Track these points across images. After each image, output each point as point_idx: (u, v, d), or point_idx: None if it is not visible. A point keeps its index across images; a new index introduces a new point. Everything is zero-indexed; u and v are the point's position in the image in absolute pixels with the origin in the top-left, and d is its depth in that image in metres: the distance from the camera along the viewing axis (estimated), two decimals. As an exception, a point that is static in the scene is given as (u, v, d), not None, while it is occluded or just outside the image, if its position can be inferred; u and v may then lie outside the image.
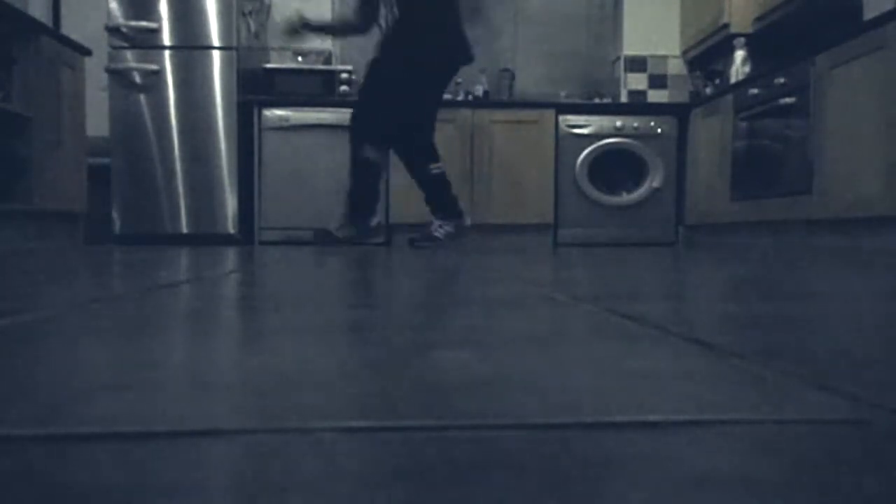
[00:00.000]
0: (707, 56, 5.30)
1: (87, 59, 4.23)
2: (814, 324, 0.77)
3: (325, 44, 5.39)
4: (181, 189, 4.69)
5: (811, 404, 0.43)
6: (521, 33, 5.79)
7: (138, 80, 4.63)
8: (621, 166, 5.05)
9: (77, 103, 4.11)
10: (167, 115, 4.65)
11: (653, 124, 5.04)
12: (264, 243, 4.83)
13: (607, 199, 5.04)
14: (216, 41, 4.64)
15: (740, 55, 4.71)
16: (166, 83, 4.64)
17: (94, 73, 4.43)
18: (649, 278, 1.54)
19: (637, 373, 0.51)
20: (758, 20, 4.62)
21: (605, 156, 5.01)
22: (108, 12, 4.61)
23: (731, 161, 4.41)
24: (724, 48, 4.99)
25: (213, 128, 4.67)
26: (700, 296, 1.15)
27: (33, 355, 0.58)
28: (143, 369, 0.52)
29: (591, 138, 5.00)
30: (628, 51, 5.61)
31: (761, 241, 4.16)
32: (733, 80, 4.63)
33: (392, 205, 4.78)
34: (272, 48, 5.39)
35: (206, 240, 4.66)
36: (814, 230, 3.65)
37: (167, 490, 0.28)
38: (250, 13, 4.90)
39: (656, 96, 5.62)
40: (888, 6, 3.13)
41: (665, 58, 5.63)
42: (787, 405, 0.42)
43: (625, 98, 5.60)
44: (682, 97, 5.55)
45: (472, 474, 0.30)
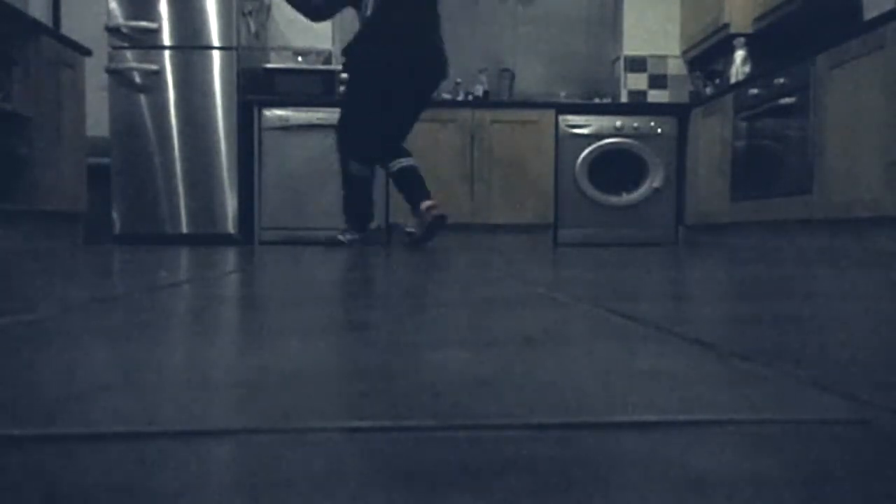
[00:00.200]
0: (707, 56, 5.30)
1: (87, 59, 4.23)
2: (814, 324, 0.77)
3: (325, 44, 5.39)
4: (181, 189, 4.69)
5: (811, 404, 0.43)
6: (521, 33, 5.80)
7: (138, 80, 4.63)
8: (621, 166, 5.05)
9: (77, 103, 4.11)
10: (167, 115, 4.65)
11: (653, 124, 5.04)
12: (264, 243, 4.83)
13: (607, 199, 5.04)
14: (216, 41, 4.64)
15: (740, 55, 4.71)
16: (166, 83, 4.64)
17: (94, 73, 4.43)
18: (649, 278, 1.54)
19: (637, 373, 0.51)
20: (758, 20, 4.62)
21: (605, 156, 5.02)
22: (108, 12, 4.61)
23: (731, 161, 4.41)
24: (724, 48, 4.99)
25: (213, 128, 4.67)
26: (700, 296, 1.15)
27: (34, 355, 0.58)
28: (143, 369, 0.52)
29: (591, 138, 5.01)
30: (628, 51, 5.61)
31: (761, 241, 4.16)
32: (733, 80, 4.63)
33: (392, 205, 4.78)
34: (272, 48, 5.39)
35: (206, 240, 4.65)
36: (814, 230, 3.65)
37: (167, 490, 0.28)
38: (250, 13, 4.90)
39: (656, 96, 5.62)
40: (888, 6, 3.13)
41: (665, 58, 5.63)
42: (788, 405, 0.42)
43: (625, 98, 5.60)
44: (682, 97, 5.55)
45: (472, 475, 0.30)
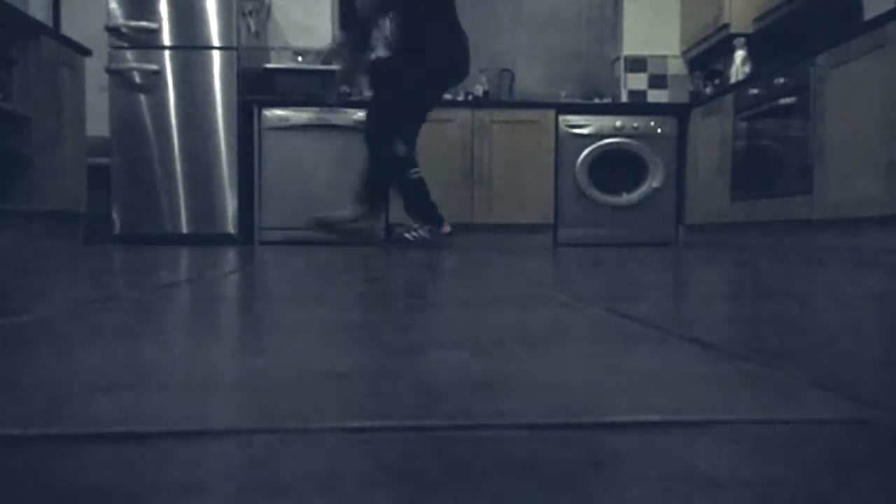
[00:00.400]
0: (707, 56, 5.30)
1: (87, 59, 4.23)
2: (814, 324, 0.77)
3: (325, 44, 5.39)
4: (181, 189, 4.69)
5: (811, 404, 0.43)
6: (521, 33, 5.79)
7: (138, 80, 4.63)
8: (621, 166, 5.05)
9: (77, 103, 4.11)
10: (167, 115, 4.65)
11: (653, 124, 5.04)
12: (264, 243, 4.82)
13: (607, 199, 5.04)
14: (216, 41, 4.63)
15: (740, 55, 4.71)
16: (166, 83, 4.63)
17: (94, 73, 4.43)
18: (649, 278, 1.54)
19: (637, 373, 0.51)
20: (758, 20, 4.62)
21: (605, 156, 5.01)
22: (108, 12, 4.61)
23: (731, 161, 4.41)
24: (724, 48, 4.98)
25: (213, 128, 4.66)
26: (700, 296, 1.15)
27: (34, 355, 0.58)
28: (143, 369, 0.52)
29: (591, 138, 5.00)
30: (628, 51, 5.60)
31: (761, 241, 4.16)
32: (733, 80, 4.63)
33: (392, 205, 4.77)
34: (272, 48, 5.39)
35: (206, 240, 4.65)
36: (814, 230, 3.65)
37: (168, 490, 0.28)
38: (250, 13, 4.90)
39: (656, 96, 5.62)
40: (888, 6, 3.13)
41: (665, 58, 5.63)
42: (788, 405, 0.42)
43: (625, 98, 5.60)
44: (682, 97, 5.55)
45: (472, 474, 0.30)
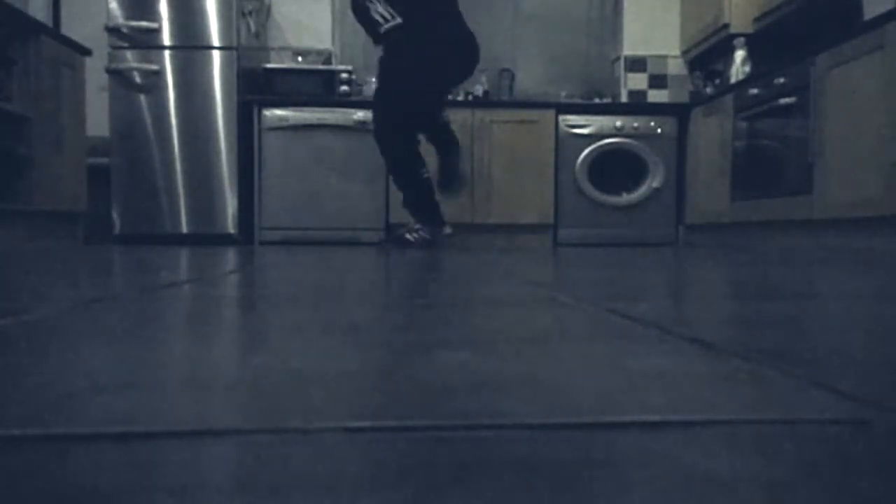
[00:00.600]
0: (707, 56, 5.30)
1: (87, 59, 4.23)
2: (814, 324, 0.77)
3: (325, 44, 5.39)
4: (181, 189, 4.68)
5: (811, 404, 0.43)
6: (521, 33, 5.79)
7: (138, 80, 4.63)
8: (621, 166, 5.04)
9: (77, 103, 4.11)
10: (167, 115, 4.65)
11: (653, 124, 5.04)
12: (264, 243, 4.82)
13: (607, 199, 5.04)
14: (216, 41, 4.63)
15: (740, 55, 4.71)
16: (166, 83, 4.63)
17: (94, 73, 4.43)
18: (649, 278, 1.54)
19: (638, 373, 0.51)
20: (758, 20, 4.62)
21: (605, 156, 5.01)
22: (108, 12, 4.61)
23: (731, 161, 4.40)
24: (724, 48, 4.98)
25: (213, 128, 4.66)
26: (700, 296, 1.15)
27: (34, 355, 0.58)
28: (143, 369, 0.52)
29: (591, 138, 5.00)
30: (628, 51, 5.60)
31: (761, 241, 4.16)
32: (733, 80, 4.63)
33: (392, 204, 4.78)
34: (272, 48, 5.39)
35: (206, 240, 4.65)
36: (814, 230, 3.65)
37: (168, 490, 0.28)
38: (250, 13, 4.89)
39: (656, 96, 5.62)
40: (888, 6, 3.13)
41: (665, 58, 5.62)
42: (788, 405, 0.42)
43: (625, 98, 5.60)
44: (682, 97, 5.54)
45: (473, 474, 0.30)
